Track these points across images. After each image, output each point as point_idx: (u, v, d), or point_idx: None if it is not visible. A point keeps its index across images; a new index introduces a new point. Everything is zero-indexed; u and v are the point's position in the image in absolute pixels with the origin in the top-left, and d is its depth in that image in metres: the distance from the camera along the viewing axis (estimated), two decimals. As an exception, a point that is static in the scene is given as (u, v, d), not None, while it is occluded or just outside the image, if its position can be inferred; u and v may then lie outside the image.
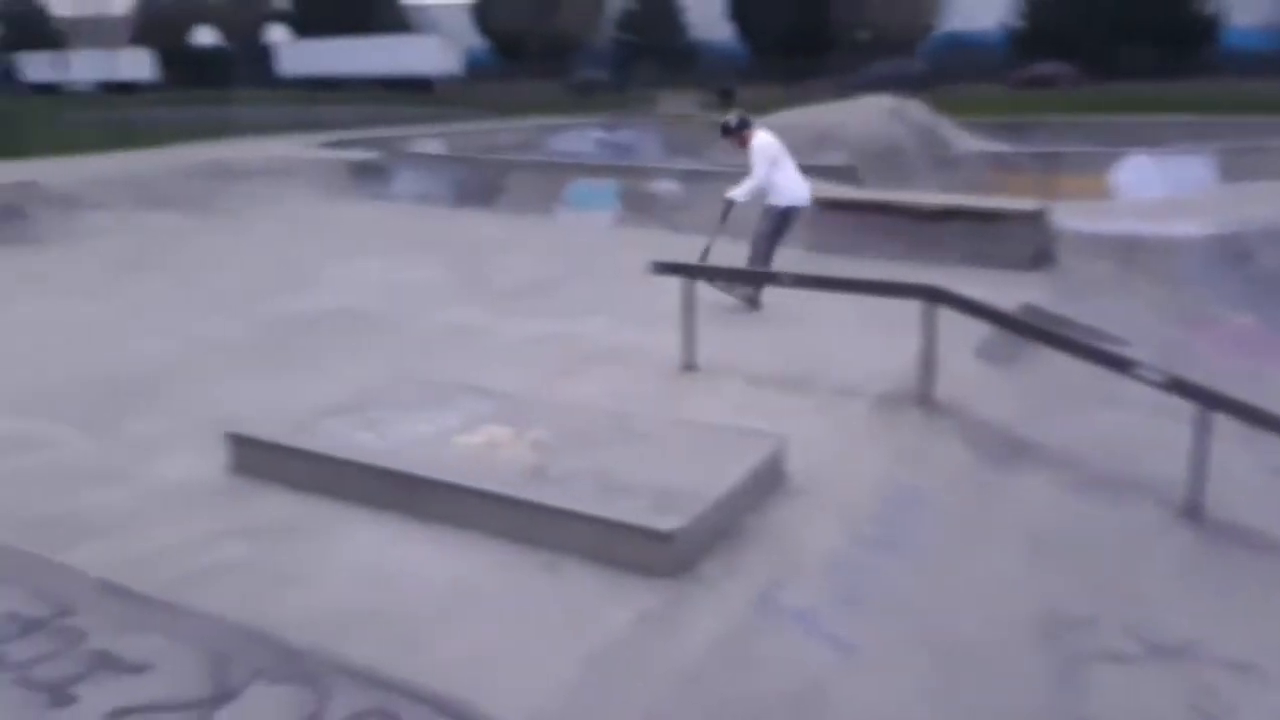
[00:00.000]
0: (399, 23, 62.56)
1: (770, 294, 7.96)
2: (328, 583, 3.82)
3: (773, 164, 8.06)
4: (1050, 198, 11.12)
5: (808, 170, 8.56)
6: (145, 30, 56.61)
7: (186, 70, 54.95)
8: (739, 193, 8.08)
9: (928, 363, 5.85)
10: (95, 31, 58.79)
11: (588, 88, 47.55)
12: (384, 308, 8.47)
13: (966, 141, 18.90)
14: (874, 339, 6.92)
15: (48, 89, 55.06)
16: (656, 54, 51.11)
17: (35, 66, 58.69)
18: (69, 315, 8.30)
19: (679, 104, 33.33)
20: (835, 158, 14.94)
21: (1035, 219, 9.77)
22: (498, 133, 22.66)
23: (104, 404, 5.90)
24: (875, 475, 5.01)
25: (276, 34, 42.00)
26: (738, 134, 8.26)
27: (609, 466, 4.36)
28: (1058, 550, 4.64)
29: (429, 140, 20.26)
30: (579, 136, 23.67)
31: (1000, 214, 9.98)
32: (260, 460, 4.73)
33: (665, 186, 13.03)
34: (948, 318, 5.85)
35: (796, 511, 4.50)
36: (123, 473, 4.85)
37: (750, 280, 8.00)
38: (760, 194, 8.11)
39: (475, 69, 57.84)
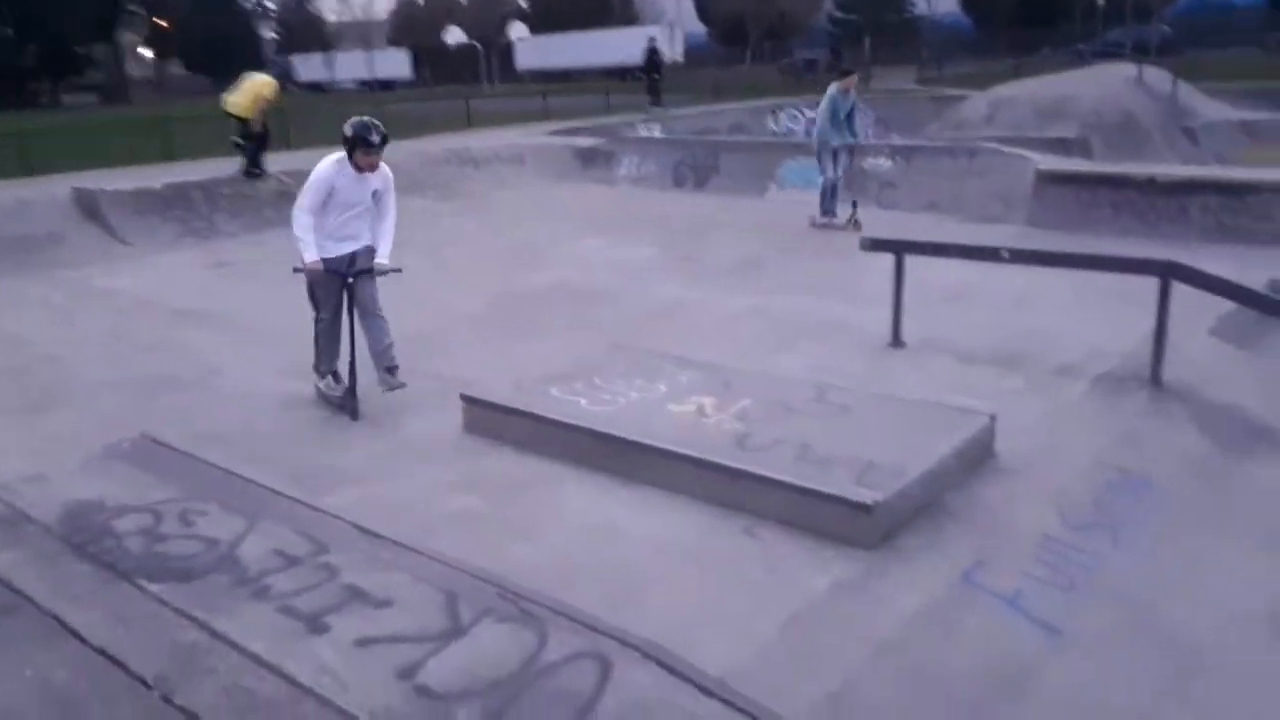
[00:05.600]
0: (628, 15, 64.66)
1: (984, 272, 7.54)
2: (549, 535, 4.18)
3: None
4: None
5: (1032, 143, 8.27)
6: (401, 31, 60.99)
7: (437, 68, 59.26)
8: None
9: (1159, 342, 5.50)
10: (357, 34, 64.28)
11: (805, 69, 46.84)
12: (603, 283, 8.91)
13: (1213, 110, 17.13)
14: (1095, 318, 6.58)
15: (317, 87, 60.73)
16: (877, 32, 49.68)
17: (307, 67, 65.18)
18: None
19: (896, 80, 32.32)
20: (1065, 130, 13.98)
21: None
22: (713, 116, 22.85)
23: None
24: (1093, 458, 4.79)
25: (516, 31, 44.34)
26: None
27: (811, 438, 4.47)
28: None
29: (648, 125, 20.76)
30: (791, 117, 23.50)
31: (1250, 186, 9.14)
32: (490, 421, 5.20)
33: (876, 163, 12.75)
34: (1180, 297, 5.48)
35: (1005, 491, 4.40)
36: (378, 425, 5.54)
37: None
38: None
39: (695, 55, 58.54)
